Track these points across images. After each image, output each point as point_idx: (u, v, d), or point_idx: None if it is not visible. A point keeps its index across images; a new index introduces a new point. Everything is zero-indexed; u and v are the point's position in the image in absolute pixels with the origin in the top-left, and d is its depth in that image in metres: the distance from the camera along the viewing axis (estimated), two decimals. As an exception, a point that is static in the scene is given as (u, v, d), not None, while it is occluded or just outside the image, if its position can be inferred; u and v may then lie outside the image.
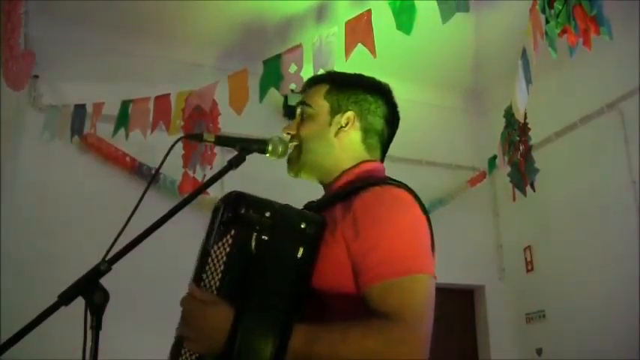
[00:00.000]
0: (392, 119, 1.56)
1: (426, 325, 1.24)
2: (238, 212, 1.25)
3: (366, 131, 1.51)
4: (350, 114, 1.50)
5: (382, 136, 1.54)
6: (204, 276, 1.29)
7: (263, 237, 1.24)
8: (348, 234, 1.30)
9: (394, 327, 1.20)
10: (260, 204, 1.27)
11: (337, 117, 1.50)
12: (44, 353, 3.15)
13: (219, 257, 1.26)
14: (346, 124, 1.50)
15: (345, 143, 1.50)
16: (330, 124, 1.50)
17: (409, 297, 1.24)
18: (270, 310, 1.21)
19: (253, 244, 1.24)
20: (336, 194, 1.43)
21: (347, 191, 1.39)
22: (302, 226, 1.26)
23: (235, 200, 1.28)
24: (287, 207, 1.29)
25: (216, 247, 1.27)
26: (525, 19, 3.11)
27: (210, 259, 1.29)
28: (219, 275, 1.25)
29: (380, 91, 1.56)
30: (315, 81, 1.59)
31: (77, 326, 1.20)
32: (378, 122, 1.53)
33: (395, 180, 1.42)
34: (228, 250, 1.25)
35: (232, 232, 1.25)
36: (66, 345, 2.37)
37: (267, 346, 1.17)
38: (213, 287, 1.26)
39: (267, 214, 1.25)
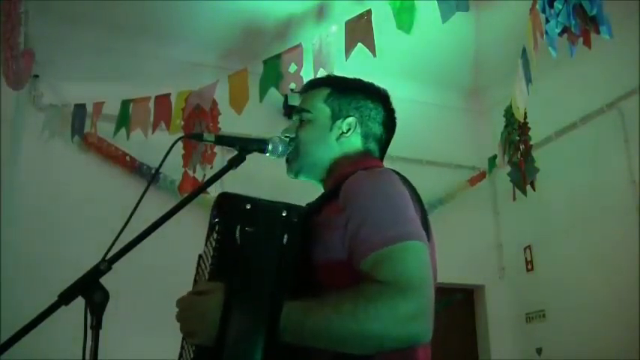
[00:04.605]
0: (390, 124, 1.58)
1: (426, 292, 1.17)
2: (222, 209, 1.30)
3: (366, 137, 1.53)
4: (351, 120, 1.52)
5: (381, 142, 1.56)
6: (197, 275, 1.35)
7: (247, 229, 1.27)
8: (341, 220, 1.29)
9: (388, 291, 1.15)
10: (242, 198, 1.30)
11: (338, 122, 1.52)
12: (44, 353, 3.15)
13: (208, 254, 1.31)
14: (348, 130, 1.51)
15: (347, 148, 1.51)
16: (331, 129, 1.51)
17: (401, 265, 1.19)
18: (258, 293, 1.23)
19: (238, 235, 1.26)
20: (330, 191, 1.44)
21: (337, 183, 1.40)
22: (283, 214, 1.28)
23: (219, 199, 1.33)
24: (269, 200, 1.32)
25: (205, 248, 1.33)
26: (525, 19, 3.11)
27: (201, 260, 1.35)
28: (209, 269, 1.29)
29: (379, 96, 1.57)
30: (314, 84, 1.59)
31: (77, 326, 1.20)
32: (377, 128, 1.55)
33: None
34: (215, 244, 1.28)
35: (217, 227, 1.29)
36: (66, 345, 2.37)
37: (258, 327, 1.18)
38: (204, 280, 1.30)
39: (248, 206, 1.28)
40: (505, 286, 5.00)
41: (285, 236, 1.27)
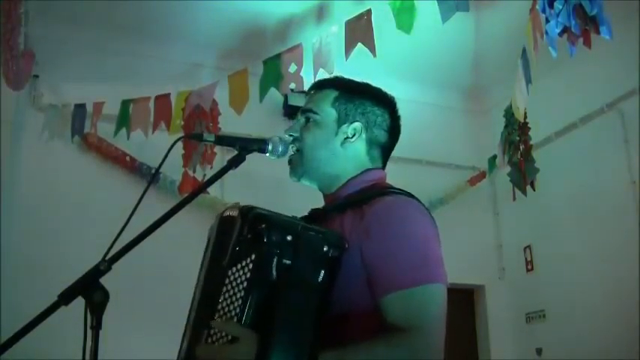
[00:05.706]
0: (395, 132, 1.58)
1: (441, 333, 1.29)
2: (259, 234, 1.20)
3: (370, 143, 1.53)
4: (357, 125, 1.51)
5: (385, 148, 1.56)
6: (222, 299, 1.24)
7: (285, 261, 1.20)
8: (361, 243, 1.32)
9: (414, 337, 1.24)
10: (282, 225, 1.23)
11: (344, 127, 1.51)
12: (44, 353, 3.15)
13: (239, 282, 1.22)
14: (353, 135, 1.51)
15: (350, 153, 1.51)
16: (337, 134, 1.51)
17: (425, 307, 1.27)
18: (294, 345, 1.18)
19: (275, 268, 1.20)
20: (346, 202, 1.44)
21: (357, 199, 1.41)
22: (324, 249, 1.24)
23: (255, 220, 1.22)
24: (309, 228, 1.26)
25: (234, 269, 1.23)
26: (525, 19, 3.11)
27: (227, 281, 1.24)
28: (240, 302, 1.20)
29: (387, 103, 1.57)
30: (322, 85, 1.58)
31: (77, 326, 1.20)
32: (383, 135, 1.55)
33: (401, 190, 1.44)
34: (249, 275, 1.20)
35: (253, 255, 1.21)
36: (66, 345, 2.37)
37: None
38: (233, 314, 1.21)
39: (289, 238, 1.21)
40: (505, 286, 5.00)
41: (322, 272, 1.23)
